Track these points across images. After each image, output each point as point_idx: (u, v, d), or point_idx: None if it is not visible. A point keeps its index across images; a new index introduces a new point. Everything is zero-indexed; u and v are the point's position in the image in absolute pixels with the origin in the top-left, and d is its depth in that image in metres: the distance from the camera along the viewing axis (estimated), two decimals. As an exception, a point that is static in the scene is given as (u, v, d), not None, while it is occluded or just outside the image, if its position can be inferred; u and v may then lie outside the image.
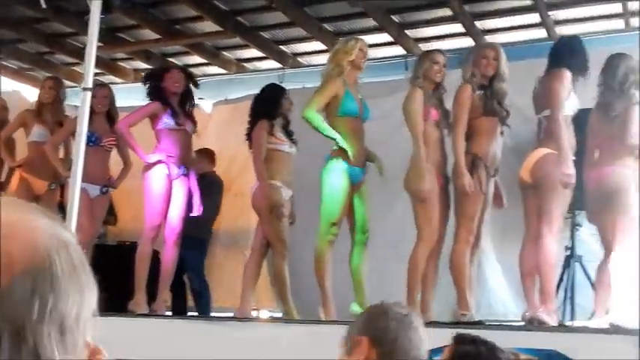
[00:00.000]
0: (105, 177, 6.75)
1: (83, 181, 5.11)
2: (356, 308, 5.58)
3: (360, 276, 5.96)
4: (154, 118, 6.49)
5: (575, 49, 5.80)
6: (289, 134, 6.52)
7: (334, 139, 5.92)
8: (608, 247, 5.57)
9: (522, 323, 5.61)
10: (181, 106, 6.60)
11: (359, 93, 6.21)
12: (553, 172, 5.49)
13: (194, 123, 6.70)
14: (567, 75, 5.63)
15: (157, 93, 6.56)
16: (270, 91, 6.65)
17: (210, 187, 7.70)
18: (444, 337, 2.54)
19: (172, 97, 6.54)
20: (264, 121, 6.34)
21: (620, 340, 4.33)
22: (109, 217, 8.03)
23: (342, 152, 5.91)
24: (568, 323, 5.99)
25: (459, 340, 2.32)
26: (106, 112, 6.81)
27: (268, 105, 6.45)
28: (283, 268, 6.24)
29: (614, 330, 5.00)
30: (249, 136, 6.46)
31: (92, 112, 6.03)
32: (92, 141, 6.32)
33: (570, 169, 5.42)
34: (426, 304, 5.71)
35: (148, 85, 6.65)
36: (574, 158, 5.58)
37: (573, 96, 5.68)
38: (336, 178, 5.87)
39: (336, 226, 5.86)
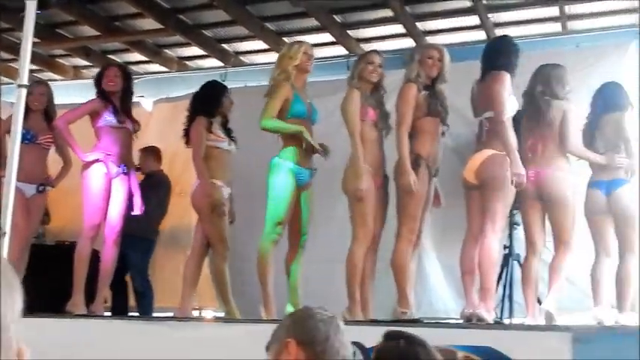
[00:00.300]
0: (41, 176, 6.62)
1: (19, 180, 5.02)
2: (290, 309, 5.60)
3: (295, 277, 5.97)
4: (94, 116, 6.40)
5: (510, 50, 5.89)
6: (228, 132, 6.48)
7: (299, 132, 5.88)
8: (535, 243, 5.86)
9: (461, 321, 5.68)
10: (123, 104, 6.52)
11: (307, 95, 6.21)
12: (499, 172, 5.56)
13: (135, 122, 6.61)
14: (508, 77, 5.72)
15: (98, 91, 6.47)
16: (211, 88, 6.61)
17: (157, 187, 7.64)
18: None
19: (113, 94, 6.45)
20: (203, 117, 6.30)
21: (555, 337, 4.41)
22: (43, 216, 7.89)
23: (287, 153, 5.91)
24: (506, 321, 6.10)
25: (386, 337, 2.34)
26: (43, 110, 6.69)
27: (208, 102, 6.41)
28: (224, 267, 6.22)
29: (550, 327, 5.11)
30: (186, 132, 6.40)
31: (29, 109, 5.94)
32: (28, 139, 6.21)
33: (522, 169, 5.50)
34: (365, 303, 5.74)
35: (94, 84, 6.57)
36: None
37: (512, 97, 5.77)
38: (282, 178, 5.86)
39: (281, 225, 5.86)
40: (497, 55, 5.87)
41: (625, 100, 6.19)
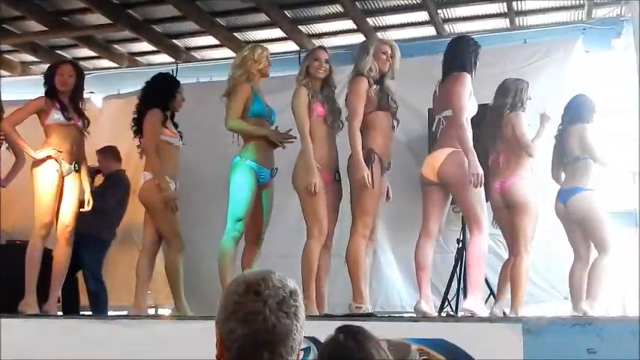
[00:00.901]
0: None
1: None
2: None
3: None
4: (41, 114, 6.30)
5: (469, 50, 5.93)
6: (175, 127, 6.43)
7: (265, 135, 5.88)
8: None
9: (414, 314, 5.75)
10: (72, 101, 6.42)
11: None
12: (460, 170, 5.59)
13: (85, 118, 6.51)
14: (468, 78, 5.77)
15: (47, 88, 6.36)
16: (166, 81, 6.50)
17: (115, 187, 7.55)
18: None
19: (62, 92, 6.36)
20: (158, 110, 6.22)
21: (506, 328, 4.51)
22: None
23: (249, 152, 5.90)
24: (461, 313, 6.19)
25: (335, 332, 2.35)
26: None
27: (162, 94, 6.32)
28: (179, 262, 6.18)
29: (501, 319, 5.21)
30: (138, 125, 6.31)
31: None
32: None
33: (480, 169, 5.50)
34: (321, 298, 5.78)
35: (44, 80, 6.45)
36: None
37: (473, 98, 5.83)
38: (243, 176, 5.84)
39: (241, 222, 5.84)
40: (458, 55, 5.89)
41: (587, 112, 6.35)
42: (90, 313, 7.29)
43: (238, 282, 2.02)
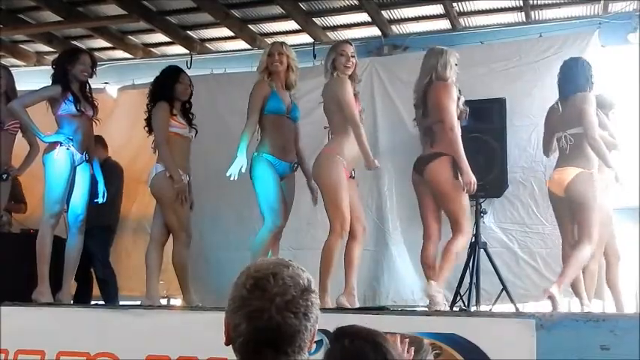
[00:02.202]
0: (6, 162, 6.52)
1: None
2: None
3: None
4: (53, 103, 6.30)
5: (587, 71, 6.03)
6: (189, 119, 6.43)
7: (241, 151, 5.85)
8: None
9: (426, 308, 5.75)
10: (81, 91, 6.42)
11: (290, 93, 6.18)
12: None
13: (95, 108, 6.51)
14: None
15: (60, 76, 6.36)
16: (164, 73, 6.48)
17: (112, 174, 7.60)
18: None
19: (75, 82, 6.36)
20: (164, 102, 6.24)
21: (519, 323, 4.49)
22: (19, 205, 7.80)
23: (265, 146, 5.89)
24: (473, 308, 6.19)
25: (334, 336, 2.27)
26: (6, 96, 6.56)
27: (163, 87, 6.34)
28: (186, 255, 6.20)
29: (514, 314, 5.19)
30: (148, 120, 6.34)
31: None
32: None
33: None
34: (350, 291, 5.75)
35: (55, 68, 6.43)
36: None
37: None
38: (262, 169, 5.83)
39: (279, 214, 5.83)
40: (579, 75, 5.99)
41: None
42: (101, 302, 7.33)
43: (248, 275, 1.97)
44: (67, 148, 6.18)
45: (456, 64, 5.97)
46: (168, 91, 6.30)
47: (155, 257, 6.23)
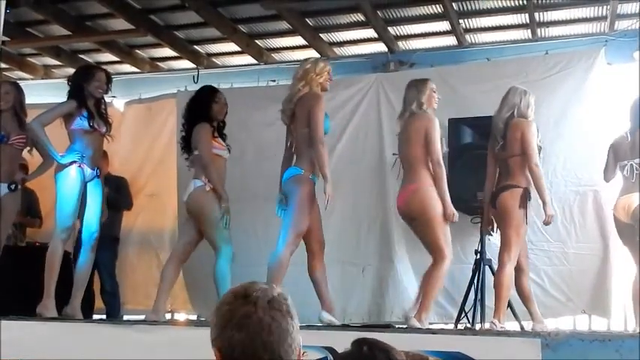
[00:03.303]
0: (13, 175, 6.52)
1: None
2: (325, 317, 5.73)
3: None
4: (67, 118, 6.32)
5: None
6: (223, 139, 6.43)
7: None
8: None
9: (432, 326, 5.75)
10: (96, 106, 6.45)
11: None
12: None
13: (108, 124, 6.54)
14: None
15: (76, 92, 6.38)
16: (201, 93, 6.47)
17: (119, 186, 7.65)
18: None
19: (94, 97, 6.39)
20: (206, 123, 6.24)
21: (524, 342, 4.48)
22: (35, 219, 7.83)
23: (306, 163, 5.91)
24: (478, 325, 6.19)
25: (352, 345, 2.35)
26: (13, 110, 6.58)
27: (202, 107, 6.32)
28: (228, 271, 6.14)
29: (520, 333, 5.18)
30: (186, 142, 6.34)
31: None
32: (2, 140, 6.18)
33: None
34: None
35: (71, 84, 6.44)
36: None
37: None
38: (303, 189, 5.84)
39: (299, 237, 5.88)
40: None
41: None
42: (103, 316, 7.34)
43: (225, 295, 2.03)
44: (79, 166, 6.20)
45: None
46: (205, 111, 6.31)
47: (172, 273, 6.22)
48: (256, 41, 8.46)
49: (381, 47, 8.23)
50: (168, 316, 7.34)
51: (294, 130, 6.02)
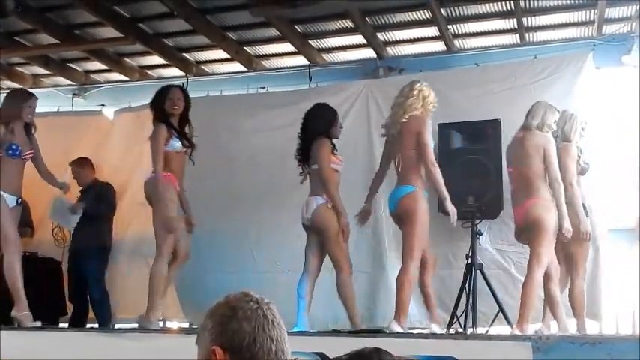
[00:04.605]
0: (20, 188, 6.42)
1: (3, 190, 4.88)
2: None
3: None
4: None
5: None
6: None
7: None
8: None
9: (425, 331, 5.76)
10: (180, 126, 6.38)
11: None
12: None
13: (192, 145, 6.42)
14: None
15: (161, 116, 6.30)
16: (323, 110, 6.49)
17: (99, 193, 7.63)
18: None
19: (172, 115, 6.30)
20: (327, 139, 6.31)
21: (516, 346, 4.48)
22: (25, 228, 7.80)
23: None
24: (469, 330, 6.19)
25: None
26: (25, 123, 6.48)
27: (324, 124, 6.39)
28: (351, 284, 6.26)
29: (511, 337, 5.19)
30: (303, 154, 6.42)
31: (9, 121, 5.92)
32: (16, 154, 6.15)
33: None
34: None
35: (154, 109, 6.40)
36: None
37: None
38: (421, 205, 5.98)
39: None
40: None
41: None
42: (95, 324, 7.31)
43: (219, 302, 2.08)
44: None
45: (582, 129, 6.36)
46: (327, 128, 6.38)
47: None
48: (245, 48, 8.47)
49: (370, 53, 8.25)
50: (160, 324, 7.31)
51: (399, 151, 6.16)
